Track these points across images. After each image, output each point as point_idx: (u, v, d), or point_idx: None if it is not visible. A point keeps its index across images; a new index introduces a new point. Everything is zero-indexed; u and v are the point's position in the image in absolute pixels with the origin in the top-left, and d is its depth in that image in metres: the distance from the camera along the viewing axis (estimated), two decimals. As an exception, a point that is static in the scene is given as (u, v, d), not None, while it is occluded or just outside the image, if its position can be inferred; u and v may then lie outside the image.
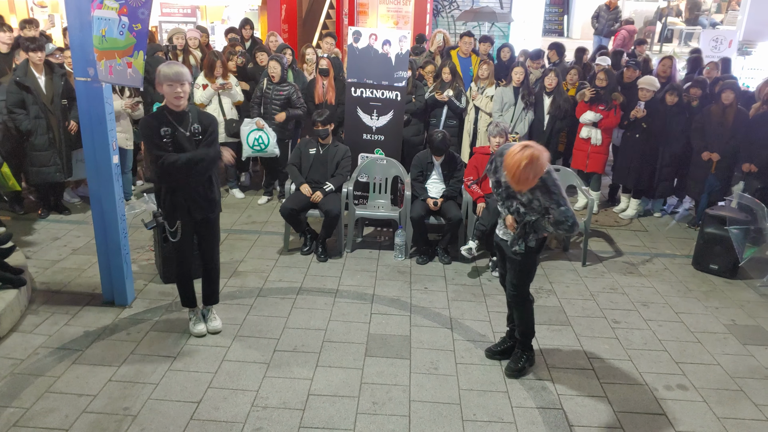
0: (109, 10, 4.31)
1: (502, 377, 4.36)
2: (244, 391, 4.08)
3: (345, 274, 5.91)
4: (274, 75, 7.20)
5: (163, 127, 4.20)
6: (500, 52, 9.18)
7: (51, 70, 6.61)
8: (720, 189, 7.11)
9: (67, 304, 5.11)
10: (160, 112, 4.27)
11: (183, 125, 4.26)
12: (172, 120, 4.23)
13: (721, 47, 10.77)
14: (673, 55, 9.86)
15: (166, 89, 4.16)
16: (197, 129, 4.31)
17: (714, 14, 16.09)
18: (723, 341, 5.01)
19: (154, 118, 4.26)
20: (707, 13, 15.75)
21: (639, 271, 6.28)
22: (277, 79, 7.22)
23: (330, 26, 14.79)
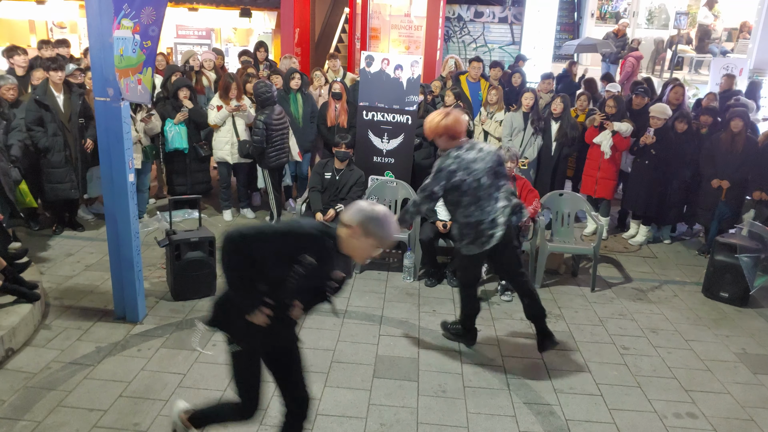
0: (126, 29, 4.43)
1: (510, 402, 4.36)
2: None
3: (354, 295, 5.94)
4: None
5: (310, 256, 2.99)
6: (511, 77, 9.26)
7: (69, 89, 6.75)
8: (730, 216, 7.10)
9: (80, 319, 5.16)
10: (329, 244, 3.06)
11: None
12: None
13: (732, 75, 10.79)
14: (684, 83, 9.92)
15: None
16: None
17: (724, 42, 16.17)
18: (733, 370, 4.98)
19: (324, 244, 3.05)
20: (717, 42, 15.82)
21: (648, 297, 6.27)
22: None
23: (342, 50, 14.99)
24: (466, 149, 4.52)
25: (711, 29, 15.76)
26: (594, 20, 17.21)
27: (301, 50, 12.80)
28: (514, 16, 14.42)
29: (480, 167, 4.47)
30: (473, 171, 4.45)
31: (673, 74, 14.17)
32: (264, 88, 7.02)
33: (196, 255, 5.54)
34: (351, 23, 13.45)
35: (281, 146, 7.24)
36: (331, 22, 15.94)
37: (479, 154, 4.51)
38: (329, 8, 16.15)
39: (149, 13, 4.50)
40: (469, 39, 14.59)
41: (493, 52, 14.43)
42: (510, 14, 14.50)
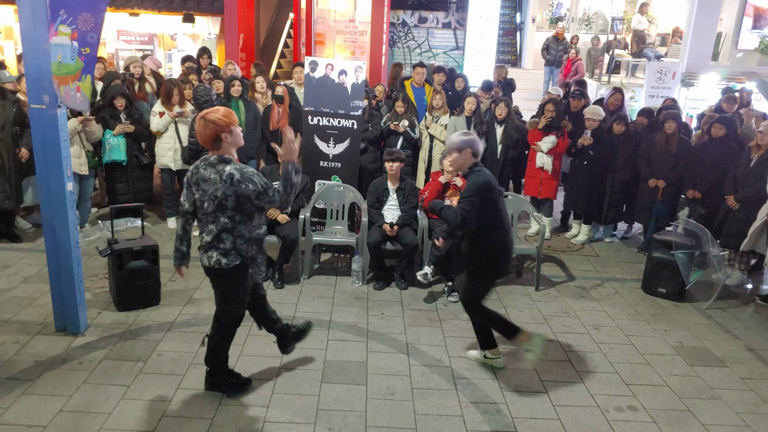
0: (63, 36, 4.34)
1: (458, 401, 4.42)
2: (200, 419, 4.05)
3: (302, 301, 5.92)
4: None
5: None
6: (454, 82, 9.39)
7: (3, 96, 6.54)
8: (666, 215, 7.35)
9: (18, 333, 5.00)
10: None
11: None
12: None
13: (666, 78, 11.19)
14: (621, 87, 10.23)
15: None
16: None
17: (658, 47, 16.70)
18: (671, 363, 5.16)
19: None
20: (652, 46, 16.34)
21: (591, 295, 6.44)
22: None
23: (288, 55, 14.93)
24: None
25: (645, 34, 16.26)
26: (535, 25, 17.57)
27: (246, 55, 12.70)
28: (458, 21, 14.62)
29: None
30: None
31: (611, 78, 14.59)
32: (203, 91, 6.98)
33: (140, 264, 5.44)
34: (296, 29, 13.42)
35: None
36: (277, 27, 15.87)
37: None
38: (274, 13, 16.07)
39: (87, 19, 4.41)
40: (414, 44, 14.72)
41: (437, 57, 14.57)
42: (453, 20, 14.70)
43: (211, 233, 3.94)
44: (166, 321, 5.35)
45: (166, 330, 5.20)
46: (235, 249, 3.93)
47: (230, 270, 3.96)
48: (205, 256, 4.00)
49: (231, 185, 3.78)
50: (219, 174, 3.80)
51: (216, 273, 4.01)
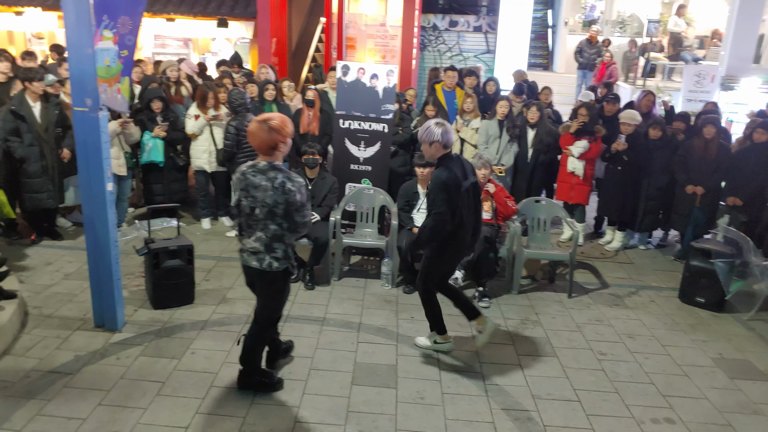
0: (107, 40, 4.45)
1: (489, 408, 4.40)
2: (232, 417, 4.12)
3: (332, 303, 5.97)
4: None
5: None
6: (486, 85, 9.37)
7: (46, 99, 6.74)
8: (705, 222, 7.18)
9: (59, 328, 5.14)
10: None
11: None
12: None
13: (704, 82, 11.00)
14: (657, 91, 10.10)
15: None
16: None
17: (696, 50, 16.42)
18: (710, 375, 5.02)
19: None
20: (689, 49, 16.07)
21: (625, 303, 6.34)
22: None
23: (319, 59, 15.04)
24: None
25: (683, 37, 16.01)
26: (567, 29, 17.42)
27: (278, 59, 12.84)
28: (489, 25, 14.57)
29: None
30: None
31: (646, 82, 14.39)
32: (237, 95, 7.14)
33: (175, 263, 5.54)
34: (327, 33, 13.51)
35: (251, 153, 7.27)
36: (308, 31, 16.00)
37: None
38: (306, 18, 16.21)
39: (125, 22, 4.52)
40: (445, 48, 14.70)
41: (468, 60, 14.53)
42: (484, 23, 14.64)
43: (260, 240, 4.00)
44: (199, 319, 5.44)
45: (200, 328, 5.28)
46: (285, 255, 4.04)
47: (280, 273, 4.07)
48: (255, 259, 4.07)
49: (282, 193, 3.85)
50: (271, 181, 3.87)
51: (267, 276, 4.09)
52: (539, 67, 17.01)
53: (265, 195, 3.88)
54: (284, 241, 4.02)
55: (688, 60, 14.88)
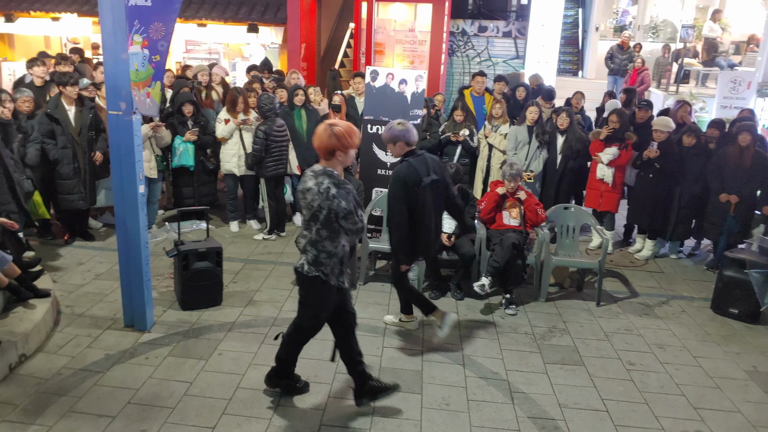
0: (136, 45, 4.52)
1: (515, 416, 4.37)
2: (258, 419, 4.14)
3: (358, 307, 5.87)
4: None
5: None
6: (516, 91, 9.33)
7: (81, 103, 6.87)
8: (739, 231, 7.03)
9: (90, 327, 5.24)
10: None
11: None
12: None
13: (740, 89, 10.79)
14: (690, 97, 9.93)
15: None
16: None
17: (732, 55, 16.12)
18: (744, 388, 4.91)
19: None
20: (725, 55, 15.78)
21: (655, 312, 6.24)
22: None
23: (347, 64, 15.10)
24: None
25: (718, 42, 15.74)
26: (599, 34, 17.25)
27: (307, 65, 12.93)
28: (518, 30, 14.47)
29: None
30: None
31: (680, 88, 14.18)
32: (267, 100, 7.23)
33: (204, 265, 5.61)
34: (356, 38, 13.56)
35: (279, 157, 7.40)
36: (337, 36, 16.09)
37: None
38: (335, 24, 16.30)
39: (158, 28, 4.58)
40: (473, 53, 14.62)
41: (497, 66, 14.46)
42: (514, 29, 14.55)
43: (304, 238, 4.00)
44: (227, 321, 5.49)
45: (227, 330, 5.33)
46: (316, 261, 3.96)
47: (309, 278, 3.99)
48: (299, 258, 4.08)
49: (326, 198, 3.83)
50: (318, 185, 3.86)
51: (298, 276, 4.07)
52: (569, 73, 16.85)
53: (312, 198, 3.87)
54: (318, 248, 3.94)
55: (723, 66, 14.61)
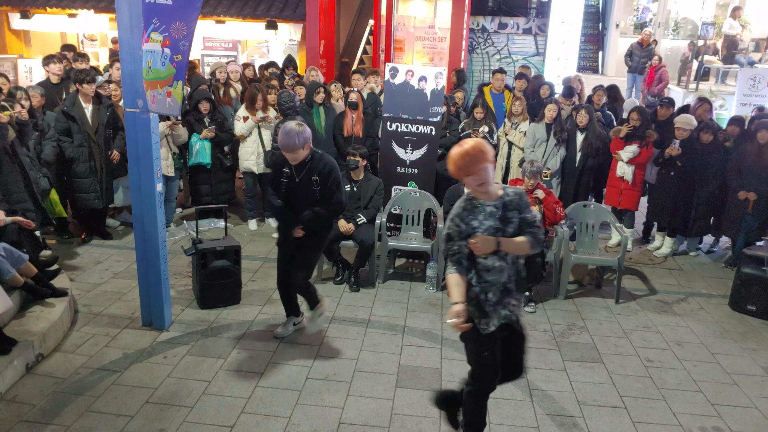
0: (155, 42, 4.52)
1: (534, 413, 4.35)
2: (277, 417, 4.15)
3: (377, 305, 5.97)
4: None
5: (285, 168, 4.79)
6: (540, 89, 9.26)
7: (99, 101, 6.89)
8: (758, 229, 7.00)
9: (108, 326, 5.26)
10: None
11: (298, 172, 4.75)
12: (292, 166, 4.75)
13: (759, 86, 10.66)
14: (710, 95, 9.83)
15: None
16: (315, 180, 4.76)
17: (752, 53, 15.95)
18: (761, 384, 4.91)
19: (282, 156, 4.76)
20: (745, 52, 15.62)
21: (673, 310, 6.22)
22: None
23: (366, 62, 15.08)
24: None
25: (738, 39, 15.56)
26: (619, 31, 17.10)
27: (326, 62, 12.91)
28: (539, 27, 14.37)
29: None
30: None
31: (699, 85, 14.04)
32: (287, 98, 7.18)
33: (222, 264, 5.62)
34: (375, 35, 13.54)
35: None
36: (356, 33, 16.07)
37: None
38: (354, 20, 16.28)
39: (180, 27, 4.59)
40: (493, 50, 14.55)
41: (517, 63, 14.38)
42: (534, 25, 14.46)
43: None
44: (245, 320, 5.50)
45: (246, 328, 5.34)
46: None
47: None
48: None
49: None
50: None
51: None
52: (589, 70, 16.72)
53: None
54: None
55: (743, 63, 14.45)
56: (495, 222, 3.43)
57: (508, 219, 3.45)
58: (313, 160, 4.76)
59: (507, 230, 3.44)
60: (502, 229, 3.43)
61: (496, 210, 3.44)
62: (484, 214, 3.44)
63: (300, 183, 4.79)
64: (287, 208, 4.90)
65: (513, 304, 3.55)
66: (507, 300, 3.52)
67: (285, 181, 4.82)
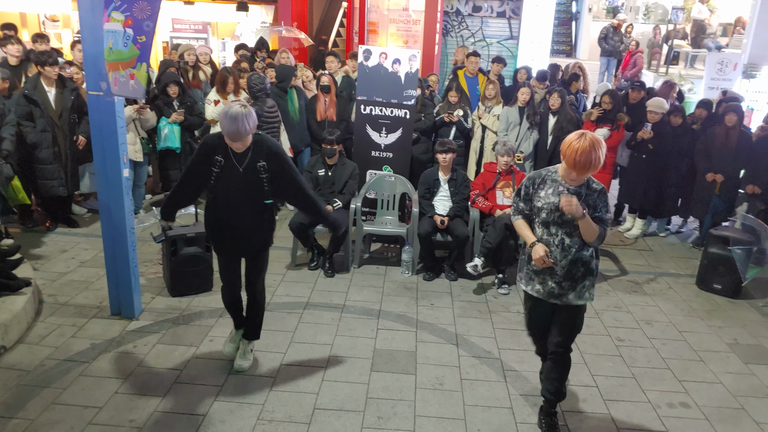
0: (116, 22, 4.38)
1: (507, 394, 4.36)
2: (251, 404, 4.09)
3: (352, 290, 5.93)
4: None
5: (218, 156, 4.00)
6: (517, 73, 9.27)
7: (63, 84, 6.68)
8: (724, 210, 7.14)
9: (74, 316, 5.13)
10: (222, 138, 3.99)
11: (239, 160, 4.02)
12: (231, 154, 4.02)
13: (726, 70, 10.82)
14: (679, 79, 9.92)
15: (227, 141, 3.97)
16: (263, 166, 4.03)
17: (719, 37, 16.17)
18: (725, 360, 5.04)
19: (215, 140, 4.05)
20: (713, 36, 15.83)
21: (643, 289, 6.30)
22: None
23: (340, 44, 14.94)
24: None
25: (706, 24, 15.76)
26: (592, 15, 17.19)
27: (299, 44, 12.75)
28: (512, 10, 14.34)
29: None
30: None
31: (669, 69, 14.18)
32: (257, 80, 7.08)
33: (193, 250, 5.52)
34: (349, 17, 13.40)
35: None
36: (329, 16, 15.91)
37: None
38: (327, 2, 16.11)
39: (143, 7, 4.46)
40: (468, 33, 14.49)
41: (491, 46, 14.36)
42: (508, 9, 14.42)
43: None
44: (218, 307, 5.40)
45: (218, 316, 5.26)
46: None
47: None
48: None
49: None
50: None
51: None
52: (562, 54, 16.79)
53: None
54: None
55: (711, 48, 14.64)
56: (558, 201, 3.58)
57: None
58: (256, 143, 4.04)
59: (566, 215, 3.58)
60: (561, 211, 3.57)
61: (566, 192, 3.58)
62: (555, 191, 3.63)
63: (244, 173, 4.01)
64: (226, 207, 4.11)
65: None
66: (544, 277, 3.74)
67: (216, 171, 4.00)
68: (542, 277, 3.74)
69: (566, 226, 3.64)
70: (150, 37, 4.57)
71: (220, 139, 4.01)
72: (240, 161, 4.02)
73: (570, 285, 3.71)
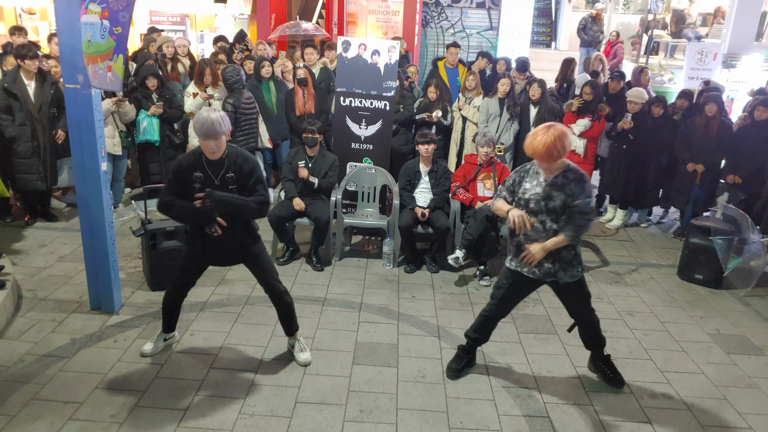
0: (93, 14, 4.32)
1: (489, 386, 4.38)
2: (232, 399, 4.08)
3: (333, 283, 5.92)
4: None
5: (197, 172, 4.02)
6: (496, 64, 9.26)
7: (42, 78, 6.60)
8: (705, 200, 7.18)
9: (54, 311, 5.08)
10: (197, 154, 4.06)
11: (215, 172, 4.04)
12: (207, 166, 4.04)
13: (707, 60, 10.88)
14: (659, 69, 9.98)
15: (201, 142, 3.98)
16: (231, 177, 4.05)
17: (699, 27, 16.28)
18: (707, 350, 5.06)
19: (190, 158, 4.08)
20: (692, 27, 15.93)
21: (625, 280, 6.34)
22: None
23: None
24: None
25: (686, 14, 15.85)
26: (571, 6, 17.22)
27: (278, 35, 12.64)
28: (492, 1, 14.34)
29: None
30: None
31: (649, 59, 14.26)
32: (232, 72, 7.01)
33: (173, 244, 5.48)
34: (328, 8, 13.32)
35: (250, 131, 7.23)
36: (308, 7, 15.75)
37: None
38: (306, -7, 15.98)
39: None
40: (447, 24, 14.49)
41: (471, 37, 14.37)
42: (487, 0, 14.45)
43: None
44: (198, 301, 5.39)
45: (199, 310, 5.24)
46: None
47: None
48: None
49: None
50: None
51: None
52: (542, 45, 16.82)
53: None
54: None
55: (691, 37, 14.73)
56: (541, 192, 3.93)
57: (551, 197, 3.92)
58: (229, 155, 4.05)
59: (549, 204, 3.91)
60: (546, 200, 3.92)
61: (544, 183, 3.93)
62: (538, 182, 3.96)
63: (220, 185, 4.03)
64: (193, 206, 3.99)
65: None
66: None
67: (198, 186, 3.98)
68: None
69: (552, 214, 3.94)
70: (126, 28, 4.50)
71: (194, 156, 4.08)
72: (216, 173, 4.05)
73: (561, 266, 4.12)
